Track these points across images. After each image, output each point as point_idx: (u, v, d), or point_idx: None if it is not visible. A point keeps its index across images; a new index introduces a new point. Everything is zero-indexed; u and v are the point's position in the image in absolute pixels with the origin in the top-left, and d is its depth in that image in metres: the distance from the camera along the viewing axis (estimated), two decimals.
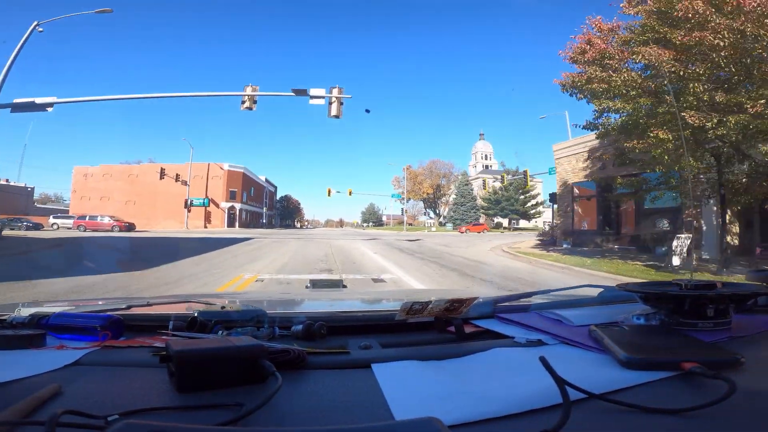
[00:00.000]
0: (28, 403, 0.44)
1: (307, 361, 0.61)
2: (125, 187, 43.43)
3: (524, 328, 0.82)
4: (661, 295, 0.72)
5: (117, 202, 42.00)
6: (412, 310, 0.77)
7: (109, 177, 44.55)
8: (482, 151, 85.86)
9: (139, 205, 41.99)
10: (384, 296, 2.09)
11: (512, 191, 49.24)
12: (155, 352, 0.64)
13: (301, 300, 1.56)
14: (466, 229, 41.36)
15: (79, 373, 0.57)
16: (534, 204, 50.84)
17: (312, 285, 1.73)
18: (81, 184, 44.57)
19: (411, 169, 55.66)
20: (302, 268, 8.69)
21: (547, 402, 0.46)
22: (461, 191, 55.80)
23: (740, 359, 0.55)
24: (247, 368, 0.53)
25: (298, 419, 0.45)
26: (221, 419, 0.42)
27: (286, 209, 79.20)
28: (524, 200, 50.21)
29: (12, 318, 0.79)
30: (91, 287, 5.51)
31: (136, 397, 0.50)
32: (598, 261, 9.90)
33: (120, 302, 1.07)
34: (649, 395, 0.49)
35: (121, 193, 42.92)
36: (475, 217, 52.39)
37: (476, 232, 39.45)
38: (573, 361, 0.61)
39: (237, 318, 0.82)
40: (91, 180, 44.44)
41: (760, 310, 0.88)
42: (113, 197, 42.64)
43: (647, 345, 0.60)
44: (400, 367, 0.59)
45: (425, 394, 0.50)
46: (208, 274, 7.40)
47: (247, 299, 1.42)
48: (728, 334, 0.70)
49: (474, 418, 0.44)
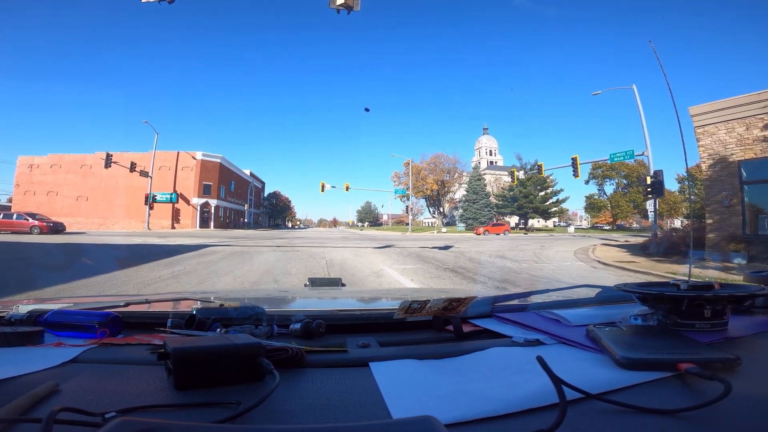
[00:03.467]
0: (25, 401, 0.44)
1: (306, 360, 0.61)
2: (77, 181, 36.49)
3: (522, 327, 0.82)
4: (658, 296, 0.73)
5: (66, 197, 36.19)
6: (411, 308, 0.77)
7: (58, 169, 37.07)
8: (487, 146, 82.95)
9: (93, 202, 35.81)
10: (383, 295, 2.10)
11: (531, 187, 45.01)
12: (153, 350, 0.64)
13: (299, 298, 1.56)
14: (485, 231, 35.36)
15: (76, 371, 0.57)
16: (555, 201, 46.80)
17: (311, 283, 1.73)
18: (26, 176, 37.18)
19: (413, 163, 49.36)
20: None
21: (544, 401, 0.46)
22: (473, 187, 49.49)
23: (736, 360, 0.56)
24: (245, 366, 0.53)
25: (295, 417, 0.45)
26: (219, 417, 0.42)
27: (275, 207, 71.03)
28: (544, 197, 46.01)
29: (10, 315, 0.79)
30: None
31: (134, 394, 0.50)
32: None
33: (118, 300, 1.07)
34: (645, 395, 0.49)
35: (72, 188, 36.29)
36: (488, 215, 46.92)
37: (496, 233, 34.32)
38: (570, 360, 0.61)
39: (235, 316, 0.82)
40: (37, 172, 37.15)
41: (757, 311, 0.88)
42: (62, 192, 36.41)
43: (644, 345, 0.61)
44: (398, 365, 0.60)
45: (423, 393, 0.50)
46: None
47: (246, 297, 1.42)
48: (725, 334, 0.70)
49: (471, 417, 0.44)
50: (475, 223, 44.28)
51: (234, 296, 1.50)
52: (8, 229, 21.43)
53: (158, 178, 34.71)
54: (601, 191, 56.28)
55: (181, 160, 37.96)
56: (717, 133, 11.03)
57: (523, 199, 45.73)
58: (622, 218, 55.27)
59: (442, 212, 56.79)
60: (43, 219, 22.68)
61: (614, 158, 19.80)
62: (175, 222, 36.66)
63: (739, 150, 10.60)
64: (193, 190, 37.80)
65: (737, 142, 10.61)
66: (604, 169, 51.50)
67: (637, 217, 56.47)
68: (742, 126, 10.52)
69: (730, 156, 10.75)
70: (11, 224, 21.72)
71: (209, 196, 38.99)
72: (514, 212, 48.33)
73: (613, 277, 7.73)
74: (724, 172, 10.88)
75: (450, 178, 54.87)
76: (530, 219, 49.44)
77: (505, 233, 35.60)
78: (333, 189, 33.52)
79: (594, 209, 57.57)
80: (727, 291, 0.73)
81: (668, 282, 0.78)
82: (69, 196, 36.40)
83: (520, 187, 44.66)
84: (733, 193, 10.60)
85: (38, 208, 29.05)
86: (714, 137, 11.08)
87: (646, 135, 17.58)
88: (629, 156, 19.48)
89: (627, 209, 52.34)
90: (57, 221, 23.28)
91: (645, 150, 17.62)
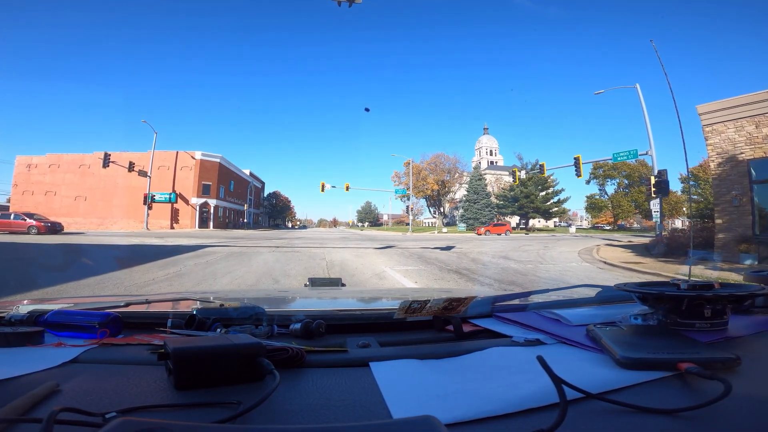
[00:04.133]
0: (25, 401, 0.44)
1: (306, 360, 0.61)
2: (75, 181, 36.47)
3: (522, 327, 0.82)
4: (658, 296, 0.73)
5: (65, 197, 36.11)
6: (411, 308, 0.77)
7: (56, 168, 37.01)
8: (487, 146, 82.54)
9: (91, 202, 35.59)
10: (383, 295, 2.10)
11: (532, 187, 44.83)
12: (153, 350, 0.64)
13: (299, 298, 1.56)
14: (486, 231, 35.64)
15: (77, 371, 0.57)
16: (556, 201, 46.70)
17: (311, 283, 1.73)
18: (24, 176, 37.07)
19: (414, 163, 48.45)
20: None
21: (544, 401, 0.46)
22: (474, 187, 49.34)
23: (736, 360, 0.56)
24: (245, 366, 0.53)
25: (295, 417, 0.45)
26: (219, 417, 0.42)
27: (275, 207, 71.54)
28: (545, 197, 45.83)
29: (10, 315, 0.79)
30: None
31: (134, 394, 0.50)
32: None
33: (118, 300, 1.07)
34: (645, 395, 0.49)
35: (71, 188, 36.23)
36: (489, 216, 46.68)
37: (498, 233, 34.53)
38: (570, 360, 0.61)
39: (235, 316, 0.82)
40: (36, 172, 37.06)
41: (757, 310, 0.88)
42: (61, 192, 36.32)
43: (644, 345, 0.61)
44: (398, 365, 0.60)
45: (423, 393, 0.50)
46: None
47: (246, 297, 1.42)
48: (725, 334, 0.70)
49: (471, 416, 0.44)
50: (476, 223, 44.24)
51: (234, 296, 1.50)
52: (6, 229, 21.20)
53: (157, 177, 34.49)
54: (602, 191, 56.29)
55: (180, 159, 37.81)
56: (726, 131, 10.73)
57: (524, 199, 45.52)
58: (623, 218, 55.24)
59: (442, 212, 56.49)
60: (40, 219, 22.40)
61: (617, 158, 19.61)
62: (174, 222, 36.46)
63: (748, 149, 10.32)
64: (192, 190, 37.65)
65: (747, 140, 10.34)
66: (605, 168, 51.45)
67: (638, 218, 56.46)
68: (752, 124, 10.25)
69: (740, 155, 10.46)
70: (8, 224, 21.46)
71: (208, 196, 38.83)
72: (515, 212, 48.12)
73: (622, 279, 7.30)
74: (733, 171, 10.59)
75: (450, 178, 54.70)
76: (531, 219, 49.22)
77: (506, 233, 35.58)
78: (333, 189, 33.36)
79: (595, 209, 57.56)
80: (727, 291, 0.73)
81: (668, 281, 0.78)
82: (67, 196, 36.35)
83: (521, 187, 44.40)
84: (743, 193, 10.31)
85: (36, 208, 28.80)
86: (723, 136, 10.79)
87: (650, 134, 17.41)
88: (633, 155, 19.31)
89: (628, 209, 52.32)
90: (55, 221, 23.01)
91: (649, 149, 17.52)
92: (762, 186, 10.15)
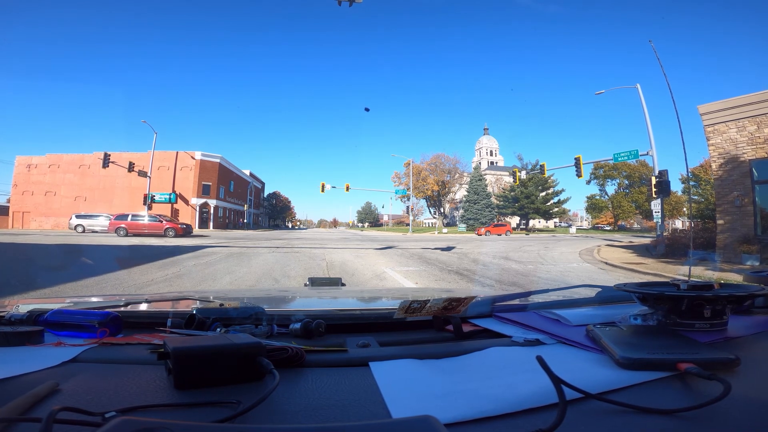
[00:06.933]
0: (25, 400, 0.44)
1: (305, 359, 0.61)
2: (75, 181, 36.68)
3: (522, 327, 0.82)
4: (658, 296, 0.73)
5: (65, 197, 36.04)
6: (411, 308, 0.77)
7: (56, 168, 37.14)
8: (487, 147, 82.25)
9: (91, 202, 34.86)
10: (383, 294, 2.09)
11: (532, 187, 44.69)
12: (153, 350, 0.64)
13: (299, 298, 1.56)
14: (486, 231, 35.81)
15: (76, 370, 0.57)
16: (556, 202, 46.56)
17: (311, 283, 1.73)
18: (24, 176, 37.15)
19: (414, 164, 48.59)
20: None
21: (543, 401, 0.46)
22: (474, 187, 49.22)
23: (736, 360, 0.56)
24: (245, 366, 0.53)
25: (295, 417, 0.45)
26: (219, 416, 0.42)
27: (275, 208, 71.78)
28: (545, 197, 45.64)
29: (10, 314, 0.79)
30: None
31: (134, 394, 0.50)
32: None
33: (118, 299, 1.07)
34: (645, 395, 0.50)
35: (71, 188, 36.40)
36: (489, 216, 46.75)
37: (498, 234, 34.83)
38: (570, 360, 0.61)
39: (235, 315, 0.82)
40: (36, 172, 37.14)
41: (757, 311, 0.88)
42: (60, 192, 36.45)
43: (644, 345, 0.61)
44: (398, 365, 0.60)
45: (422, 393, 0.50)
46: None
47: (246, 297, 1.42)
48: (725, 334, 0.70)
49: (471, 416, 0.44)
50: (476, 224, 44.41)
51: (234, 296, 1.50)
52: (139, 231, 20.88)
53: (157, 178, 34.20)
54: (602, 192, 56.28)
55: (180, 160, 37.84)
56: (728, 131, 10.66)
57: (524, 200, 45.41)
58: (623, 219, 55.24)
59: (442, 213, 56.41)
60: (173, 221, 22.80)
61: (618, 158, 19.54)
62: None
63: (750, 149, 10.26)
64: (192, 191, 37.69)
65: (749, 140, 10.28)
66: (606, 169, 51.46)
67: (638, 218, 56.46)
68: (754, 124, 10.21)
69: (742, 155, 10.38)
70: (142, 227, 21.24)
71: (208, 196, 38.85)
72: (515, 213, 48.03)
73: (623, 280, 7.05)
74: (735, 171, 10.52)
75: (450, 178, 54.69)
76: (531, 219, 49.13)
77: (506, 234, 35.72)
78: (333, 189, 33.30)
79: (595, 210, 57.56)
80: (726, 291, 0.73)
81: (668, 282, 0.78)
82: (67, 196, 36.39)
83: (521, 187, 44.33)
84: (745, 193, 10.26)
85: (36, 209, 28.68)
86: (725, 136, 10.71)
87: (650, 135, 17.31)
88: (634, 156, 19.24)
89: (628, 210, 52.33)
90: (186, 223, 23.55)
91: (650, 150, 17.46)
92: (764, 186, 10.14)
